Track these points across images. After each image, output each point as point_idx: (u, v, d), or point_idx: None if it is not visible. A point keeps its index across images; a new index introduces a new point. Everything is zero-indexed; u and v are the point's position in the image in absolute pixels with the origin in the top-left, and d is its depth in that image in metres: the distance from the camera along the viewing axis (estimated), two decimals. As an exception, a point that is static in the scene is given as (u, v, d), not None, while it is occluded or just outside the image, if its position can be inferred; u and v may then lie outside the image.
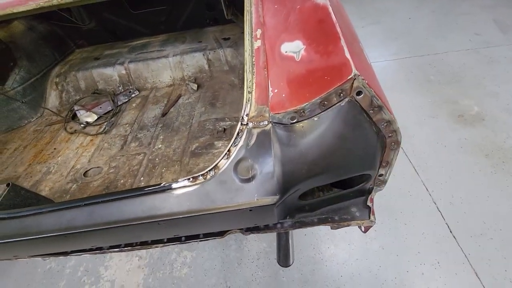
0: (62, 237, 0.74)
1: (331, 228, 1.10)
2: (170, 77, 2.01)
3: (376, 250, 1.83)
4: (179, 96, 1.89)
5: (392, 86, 2.95)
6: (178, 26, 2.31)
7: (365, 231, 0.97)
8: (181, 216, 0.72)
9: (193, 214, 0.72)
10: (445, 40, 3.48)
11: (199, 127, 1.63)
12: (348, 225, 0.90)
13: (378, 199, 2.03)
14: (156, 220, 0.73)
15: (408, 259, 1.76)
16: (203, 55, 1.95)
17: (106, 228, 0.74)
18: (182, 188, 0.75)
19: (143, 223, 0.73)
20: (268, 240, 1.97)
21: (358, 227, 0.95)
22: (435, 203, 1.99)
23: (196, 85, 1.91)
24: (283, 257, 1.14)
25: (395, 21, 4.03)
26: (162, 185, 0.75)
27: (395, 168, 2.40)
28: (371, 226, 0.93)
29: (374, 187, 0.87)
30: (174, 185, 0.75)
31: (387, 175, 0.83)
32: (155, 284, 1.87)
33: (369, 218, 0.88)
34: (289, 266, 1.15)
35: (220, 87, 1.90)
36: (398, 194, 2.08)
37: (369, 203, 0.88)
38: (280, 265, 1.17)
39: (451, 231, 1.84)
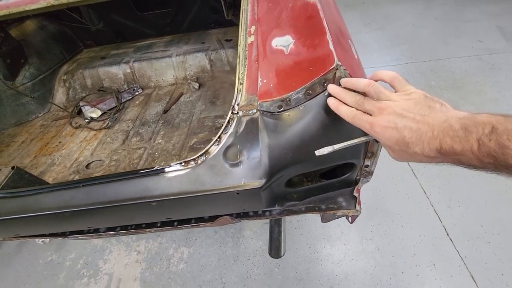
0: (60, 215, 0.79)
1: (322, 221, 1.12)
2: (173, 76, 2.07)
3: (371, 251, 1.83)
4: (181, 94, 1.95)
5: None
6: (183, 28, 2.39)
7: (351, 221, 0.99)
8: (172, 197, 0.76)
9: (183, 196, 0.76)
10: (448, 46, 3.50)
11: (198, 123, 1.67)
12: (335, 214, 0.93)
13: (376, 201, 2.06)
14: (149, 200, 0.77)
15: (403, 260, 1.76)
16: (205, 55, 2.01)
17: (102, 207, 0.78)
18: (175, 171, 0.79)
19: (136, 203, 0.77)
20: (264, 239, 1.99)
21: (346, 217, 0.98)
22: (433, 206, 1.99)
23: (197, 84, 1.97)
24: (275, 249, 1.17)
25: (398, 28, 4.07)
26: (155, 168, 0.79)
27: (393, 170, 2.39)
28: (357, 216, 0.95)
29: (361, 178, 0.90)
30: (167, 169, 0.80)
31: (372, 166, 0.86)
32: (152, 278, 1.90)
33: (355, 208, 0.91)
34: (280, 257, 1.18)
35: (221, 87, 1.95)
36: (396, 196, 2.09)
37: (355, 194, 0.91)
38: (272, 257, 1.20)
39: (447, 234, 1.84)
